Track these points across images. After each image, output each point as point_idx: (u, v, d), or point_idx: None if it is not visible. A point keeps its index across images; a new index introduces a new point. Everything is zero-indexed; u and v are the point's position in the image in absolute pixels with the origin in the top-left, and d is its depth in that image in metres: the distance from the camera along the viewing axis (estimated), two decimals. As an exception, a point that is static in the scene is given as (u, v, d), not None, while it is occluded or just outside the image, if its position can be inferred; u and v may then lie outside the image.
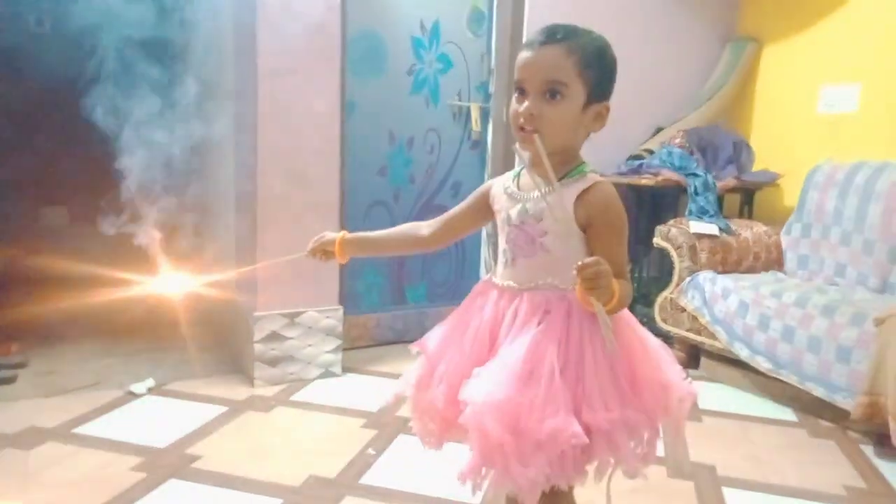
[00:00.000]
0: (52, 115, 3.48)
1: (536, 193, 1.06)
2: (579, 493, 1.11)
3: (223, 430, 2.03)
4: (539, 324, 1.02)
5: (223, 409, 2.19)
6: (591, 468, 1.02)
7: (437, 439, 1.14)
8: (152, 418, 2.10)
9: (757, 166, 3.26)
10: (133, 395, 2.25)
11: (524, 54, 1.03)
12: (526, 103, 1.02)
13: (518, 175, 1.13)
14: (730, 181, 3.09)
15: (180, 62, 3.50)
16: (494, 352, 1.06)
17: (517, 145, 1.07)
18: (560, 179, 1.04)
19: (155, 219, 2.07)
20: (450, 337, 1.14)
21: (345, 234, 1.25)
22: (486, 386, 0.98)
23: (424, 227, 1.23)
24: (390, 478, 1.77)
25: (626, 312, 1.08)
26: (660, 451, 1.06)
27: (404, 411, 2.20)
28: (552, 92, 1.01)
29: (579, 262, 0.92)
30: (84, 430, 1.98)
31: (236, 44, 2.42)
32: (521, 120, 1.02)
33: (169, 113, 2.57)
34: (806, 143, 3.18)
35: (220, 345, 2.76)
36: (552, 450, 0.94)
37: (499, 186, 1.14)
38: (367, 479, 1.76)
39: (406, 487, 1.71)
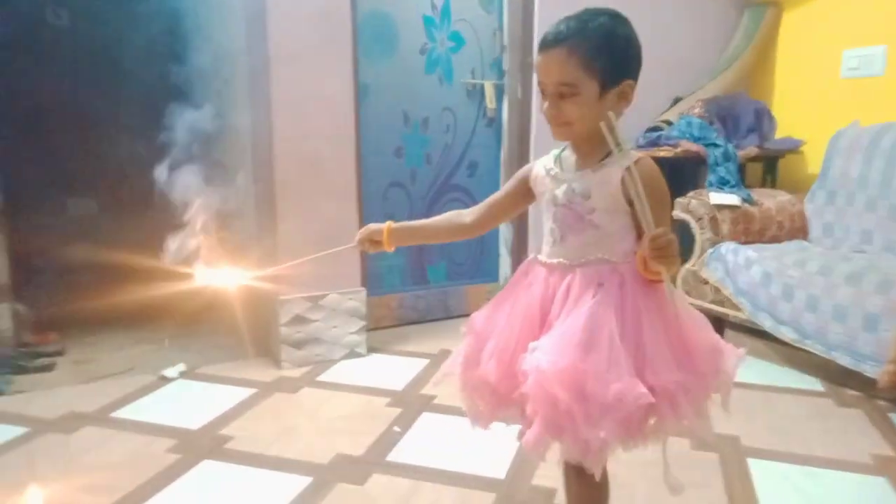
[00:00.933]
0: (76, 107, 3.53)
1: (580, 172, 1.11)
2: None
3: (253, 412, 2.09)
4: (594, 296, 1.06)
5: (252, 391, 2.24)
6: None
7: (486, 418, 1.17)
8: (185, 401, 2.17)
9: (779, 134, 3.20)
10: (166, 380, 2.32)
11: (537, 58, 1.10)
12: (546, 104, 1.09)
13: (559, 157, 1.17)
14: (751, 150, 3.05)
15: (194, 52, 3.52)
16: (546, 328, 1.09)
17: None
18: (602, 160, 1.08)
19: (181, 208, 2.11)
20: (497, 315, 1.18)
21: (390, 223, 1.28)
22: (549, 356, 1.01)
23: (467, 215, 1.28)
24: (416, 454, 1.81)
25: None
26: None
27: (428, 389, 2.25)
28: (563, 93, 1.06)
29: (651, 234, 0.98)
30: (120, 414, 2.05)
31: (248, 31, 2.43)
32: (549, 116, 1.10)
33: (186, 103, 2.60)
34: (830, 108, 3.11)
35: (248, 328, 2.81)
36: (620, 411, 0.97)
37: (540, 168, 1.18)
38: (394, 455, 1.80)
39: (431, 464, 1.75)
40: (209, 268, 1.39)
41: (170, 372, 2.34)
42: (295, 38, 2.32)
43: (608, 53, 1.05)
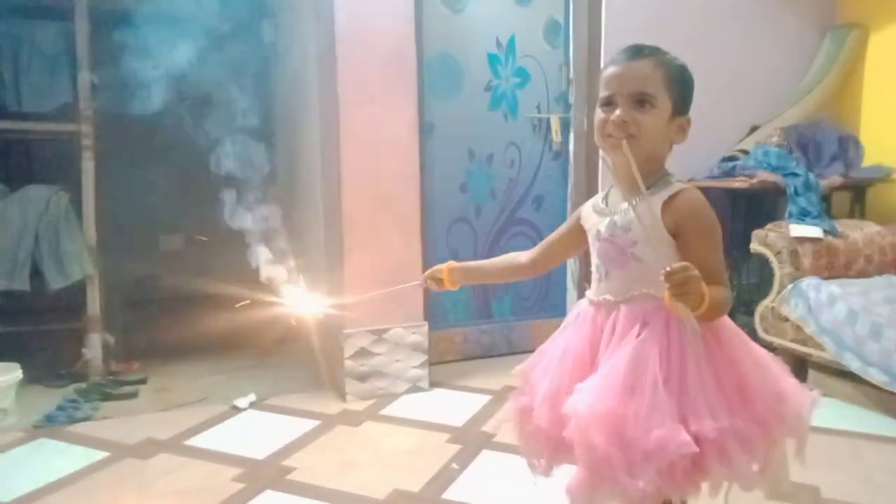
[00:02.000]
0: (165, 150, 3.80)
1: (624, 206, 1.09)
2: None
3: (316, 444, 2.13)
4: (639, 335, 1.04)
5: (317, 422, 2.30)
6: (705, 484, 1.01)
7: (545, 465, 1.16)
8: (253, 431, 2.24)
9: (868, 161, 3.02)
10: (237, 410, 2.41)
11: (612, 69, 1.09)
12: (617, 111, 1.06)
13: (607, 194, 1.17)
14: (836, 179, 2.89)
15: (274, 98, 3.72)
16: (595, 367, 1.07)
17: (603, 155, 1.09)
18: (647, 189, 1.06)
19: (260, 242, 2.23)
20: (550, 359, 1.17)
21: (452, 263, 1.32)
22: (589, 399, 0.99)
23: (524, 255, 1.30)
24: (473, 493, 1.79)
25: (731, 323, 1.09)
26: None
27: (489, 427, 2.23)
28: (642, 101, 1.06)
29: (666, 269, 0.93)
30: (193, 442, 2.15)
31: (319, 76, 2.56)
32: (610, 127, 1.07)
33: (267, 146, 2.75)
34: (924, 133, 2.91)
35: (315, 361, 2.90)
36: (661, 460, 0.94)
37: (588, 207, 1.20)
38: (450, 494, 1.79)
39: (487, 503, 1.72)
40: (287, 297, 1.45)
41: (241, 402, 2.44)
42: (363, 81, 2.43)
43: (683, 83, 1.09)
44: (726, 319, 1.08)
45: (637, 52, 1.08)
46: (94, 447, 2.10)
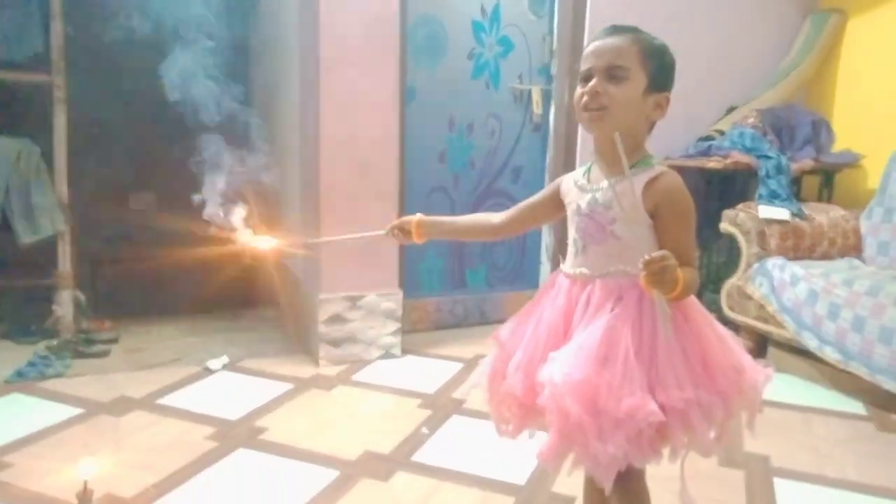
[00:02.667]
0: (135, 108, 3.71)
1: (605, 183, 1.10)
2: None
3: (289, 406, 2.17)
4: (612, 309, 1.06)
5: (289, 386, 2.33)
6: (665, 450, 1.06)
7: (514, 428, 1.19)
8: (226, 393, 2.26)
9: (839, 146, 3.09)
10: (209, 371, 2.43)
11: (590, 46, 1.12)
12: (591, 82, 1.08)
13: (589, 169, 1.18)
14: (806, 163, 2.95)
15: (251, 57, 3.65)
16: (569, 339, 1.10)
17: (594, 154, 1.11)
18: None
19: (233, 203, 2.21)
20: (524, 327, 1.19)
21: (420, 216, 1.32)
22: (564, 368, 1.02)
23: (496, 216, 1.30)
24: (441, 456, 1.84)
25: (696, 301, 1.12)
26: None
27: (459, 393, 2.28)
28: (616, 75, 1.07)
29: (645, 257, 0.96)
30: (166, 401, 2.17)
31: (300, 37, 2.52)
32: (586, 98, 1.09)
33: (242, 107, 2.70)
34: (893, 122, 2.97)
35: (289, 325, 2.91)
36: (630, 427, 0.98)
37: (569, 181, 1.20)
38: (419, 456, 1.85)
39: (455, 466, 1.79)
40: (250, 234, 1.43)
41: (213, 364, 2.45)
42: (345, 43, 2.39)
43: (661, 60, 1.11)
44: (692, 297, 1.11)
45: (615, 29, 1.11)
46: (67, 403, 2.11)
